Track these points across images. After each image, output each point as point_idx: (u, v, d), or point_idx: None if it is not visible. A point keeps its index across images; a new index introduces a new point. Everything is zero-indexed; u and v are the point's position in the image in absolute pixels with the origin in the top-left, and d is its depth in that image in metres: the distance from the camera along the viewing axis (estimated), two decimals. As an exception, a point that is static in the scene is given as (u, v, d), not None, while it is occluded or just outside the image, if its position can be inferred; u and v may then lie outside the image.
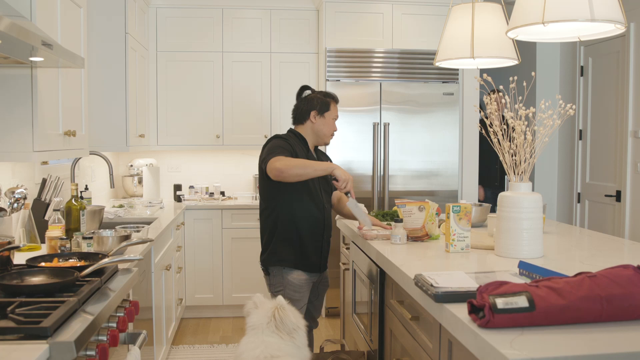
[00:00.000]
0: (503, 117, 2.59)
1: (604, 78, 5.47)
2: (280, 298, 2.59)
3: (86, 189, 4.20)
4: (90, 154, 3.49)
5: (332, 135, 3.37)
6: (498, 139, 2.58)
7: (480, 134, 5.32)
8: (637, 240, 4.49)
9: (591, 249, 2.82)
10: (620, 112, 5.20)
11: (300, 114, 3.33)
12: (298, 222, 3.22)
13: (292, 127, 3.39)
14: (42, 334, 1.57)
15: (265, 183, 3.23)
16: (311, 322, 3.42)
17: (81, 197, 3.38)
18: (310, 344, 3.50)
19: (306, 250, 3.25)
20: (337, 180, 3.01)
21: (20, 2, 2.37)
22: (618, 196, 5.23)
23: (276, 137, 3.25)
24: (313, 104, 3.30)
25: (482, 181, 5.85)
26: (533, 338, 1.47)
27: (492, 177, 5.86)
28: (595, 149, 5.62)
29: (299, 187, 3.17)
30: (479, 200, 5.69)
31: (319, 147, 3.55)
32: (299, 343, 2.48)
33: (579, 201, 5.86)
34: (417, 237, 2.93)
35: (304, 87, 3.42)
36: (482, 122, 4.57)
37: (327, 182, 3.37)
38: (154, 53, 5.39)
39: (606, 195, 5.39)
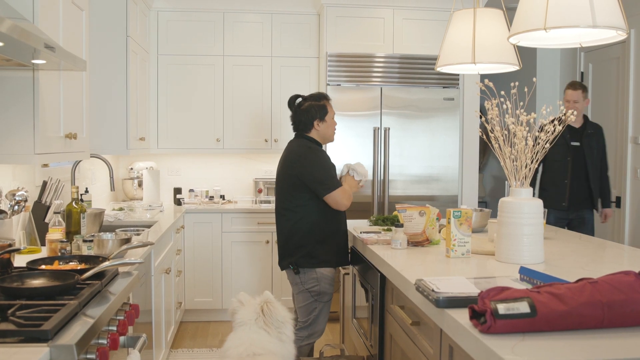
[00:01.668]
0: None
1: (604, 84, 5.48)
2: (267, 293, 2.60)
3: (86, 191, 4.20)
4: (90, 156, 3.48)
5: (335, 131, 3.56)
6: (499, 145, 2.58)
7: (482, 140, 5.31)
8: (638, 247, 4.49)
9: (591, 255, 2.82)
10: (620, 118, 5.20)
11: (303, 125, 3.46)
12: (333, 221, 3.38)
13: (297, 132, 3.53)
14: (42, 337, 1.57)
15: (301, 188, 3.34)
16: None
17: (81, 200, 3.38)
18: (311, 348, 3.50)
19: (342, 246, 3.44)
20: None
21: (23, 5, 2.38)
22: (618, 202, 5.23)
23: (318, 151, 3.39)
24: (312, 113, 3.43)
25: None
26: (534, 344, 1.47)
27: (558, 195, 4.83)
28: (595, 154, 5.62)
29: None
30: None
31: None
32: (285, 338, 2.50)
33: (578, 207, 5.85)
34: (417, 242, 2.93)
35: (295, 97, 3.54)
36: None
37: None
38: (154, 56, 5.39)
39: (606, 201, 5.40)
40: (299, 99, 3.51)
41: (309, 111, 3.43)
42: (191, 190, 5.61)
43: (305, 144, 3.42)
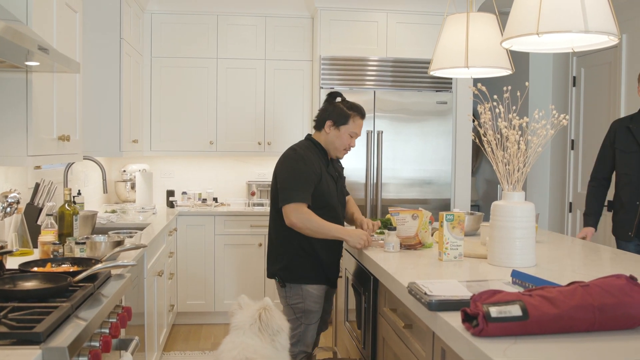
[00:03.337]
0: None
1: (596, 88, 5.51)
2: (266, 299, 2.58)
3: (79, 194, 4.18)
4: (83, 159, 3.48)
5: (346, 151, 3.20)
6: (492, 149, 2.60)
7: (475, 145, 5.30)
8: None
9: (583, 259, 2.83)
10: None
11: (318, 119, 3.18)
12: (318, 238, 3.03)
13: (312, 133, 3.25)
14: (35, 339, 1.57)
15: None
16: (322, 326, 3.34)
17: (74, 202, 3.37)
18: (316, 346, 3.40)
19: (323, 264, 3.11)
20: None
21: (17, 7, 2.37)
22: (609, 206, 5.25)
23: (298, 156, 3.05)
24: (332, 113, 3.12)
25: (593, 223, 3.90)
26: (526, 347, 1.48)
27: (626, 221, 3.72)
28: (587, 159, 5.65)
29: (320, 202, 3.04)
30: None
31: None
32: (279, 346, 2.49)
33: (570, 211, 5.88)
34: (410, 245, 2.93)
35: (338, 94, 3.23)
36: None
37: (342, 194, 3.28)
38: (148, 59, 5.39)
39: (598, 205, 5.41)
40: (339, 98, 3.20)
41: (331, 110, 3.12)
42: (184, 193, 5.61)
43: (298, 145, 3.16)
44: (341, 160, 3.36)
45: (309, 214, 2.94)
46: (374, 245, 3.01)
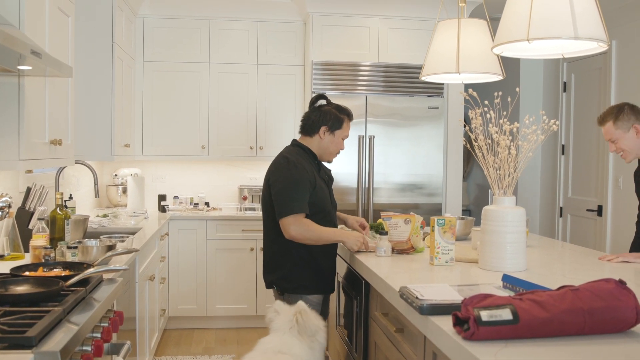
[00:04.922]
0: None
1: (586, 94, 5.55)
2: (300, 302, 2.62)
3: (70, 198, 4.17)
4: (75, 163, 3.47)
5: (337, 154, 3.21)
6: (483, 154, 2.61)
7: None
8: (618, 255, 4.53)
9: (573, 263, 2.85)
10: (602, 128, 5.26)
11: (310, 126, 3.13)
12: (316, 245, 3.02)
13: (298, 137, 3.22)
14: (27, 344, 1.56)
15: None
16: None
17: (65, 206, 3.36)
18: None
19: (323, 271, 3.11)
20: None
21: (9, 11, 2.37)
22: (599, 211, 5.29)
23: (292, 164, 2.99)
24: (325, 118, 3.10)
25: None
26: (517, 350, 1.49)
27: None
28: (577, 164, 5.69)
29: (315, 208, 3.01)
30: None
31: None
32: (316, 345, 2.56)
33: (561, 215, 5.92)
34: (402, 249, 2.94)
35: (319, 96, 3.23)
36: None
37: (333, 197, 3.25)
38: (140, 63, 5.38)
39: (588, 210, 5.45)
40: (324, 100, 3.20)
41: (324, 115, 3.10)
42: (176, 197, 5.60)
43: (288, 153, 3.08)
44: (332, 165, 3.36)
45: (307, 225, 2.90)
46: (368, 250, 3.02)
